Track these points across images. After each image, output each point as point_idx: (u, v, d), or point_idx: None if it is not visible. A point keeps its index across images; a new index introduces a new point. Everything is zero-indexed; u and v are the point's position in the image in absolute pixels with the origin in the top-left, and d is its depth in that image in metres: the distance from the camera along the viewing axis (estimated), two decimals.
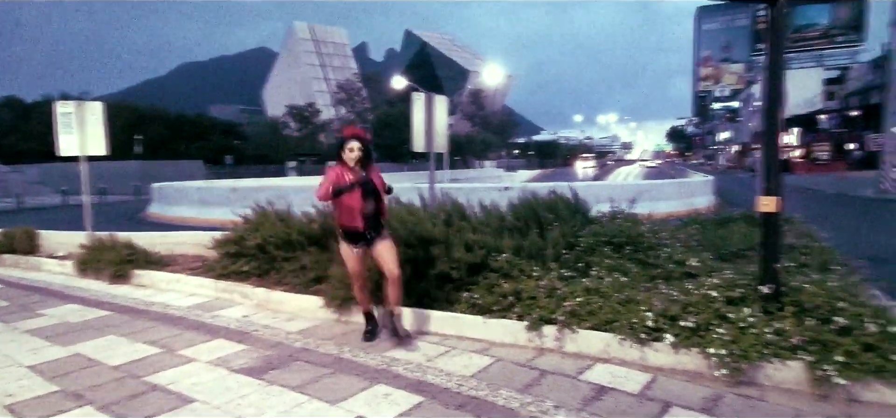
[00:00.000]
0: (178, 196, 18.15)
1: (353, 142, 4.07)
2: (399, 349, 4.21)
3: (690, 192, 16.19)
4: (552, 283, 4.46)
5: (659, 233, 5.55)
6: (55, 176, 33.82)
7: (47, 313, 5.57)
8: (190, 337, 4.76)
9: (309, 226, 6.20)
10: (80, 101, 8.48)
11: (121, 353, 4.35)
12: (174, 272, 6.90)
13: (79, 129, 8.20)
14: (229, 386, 3.66)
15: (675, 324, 3.80)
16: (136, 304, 5.98)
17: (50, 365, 4.07)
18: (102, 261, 7.29)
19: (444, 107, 7.70)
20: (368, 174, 4.11)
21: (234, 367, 3.99)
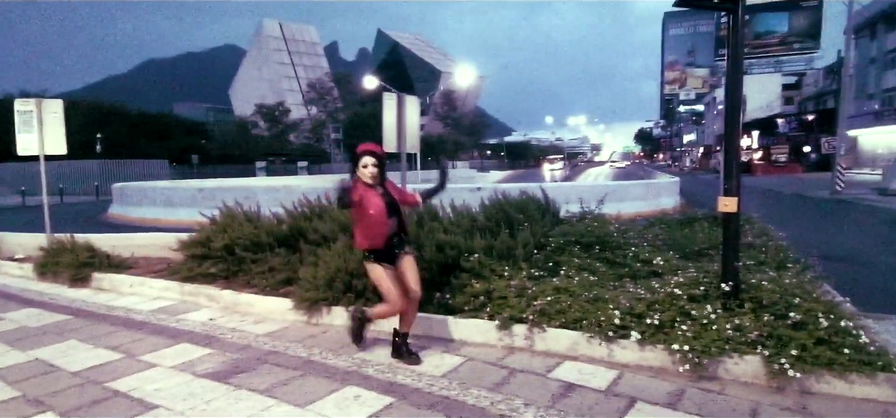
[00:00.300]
0: (140, 196, 17.63)
1: (366, 158, 3.85)
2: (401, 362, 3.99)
3: (657, 193, 16.58)
4: (522, 283, 4.52)
5: (626, 233, 5.68)
6: (11, 176, 32.44)
7: (6, 317, 5.35)
8: (153, 341, 4.64)
9: (278, 227, 6.13)
10: (39, 99, 8.17)
11: (81, 359, 4.21)
12: (137, 275, 6.71)
13: (38, 128, 7.91)
14: (194, 390, 3.59)
15: (640, 322, 3.90)
16: (97, 308, 5.79)
17: (9, 370, 3.92)
18: (61, 264, 7.04)
19: (416, 107, 7.70)
20: (387, 190, 3.92)
21: (200, 372, 3.91)
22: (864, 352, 3.36)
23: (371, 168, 3.84)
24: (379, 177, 3.88)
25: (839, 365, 3.32)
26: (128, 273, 6.87)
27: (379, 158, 3.89)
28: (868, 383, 3.27)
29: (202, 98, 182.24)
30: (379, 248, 3.81)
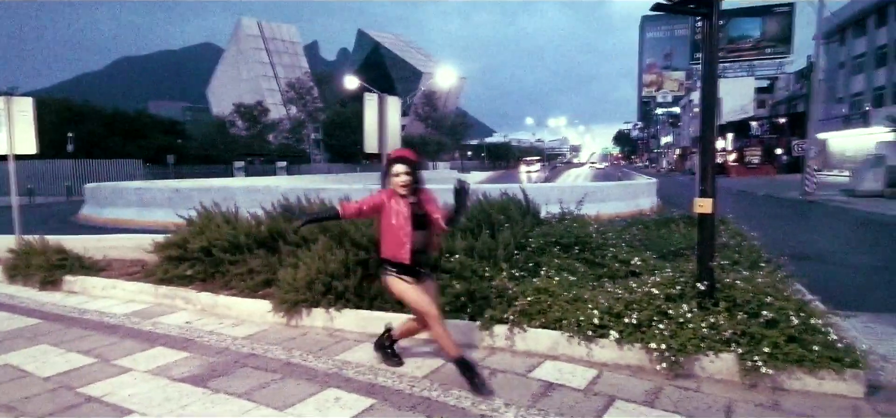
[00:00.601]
0: (114, 197, 17.23)
1: (397, 165, 3.51)
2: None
3: (635, 194, 16.82)
4: (503, 284, 4.54)
5: (605, 234, 5.75)
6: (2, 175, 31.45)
7: None
8: (127, 345, 4.54)
9: (257, 229, 6.05)
10: (8, 97, 7.93)
11: (53, 364, 4.10)
12: (110, 277, 6.56)
13: (6, 127, 7.68)
14: (170, 395, 3.53)
15: (619, 321, 3.95)
16: (69, 312, 5.65)
17: None
18: (32, 267, 6.85)
19: (397, 107, 7.69)
20: (420, 201, 3.56)
21: (176, 376, 3.84)
22: (834, 349, 3.46)
23: (403, 176, 3.50)
24: (412, 186, 3.53)
25: (810, 361, 3.41)
26: (101, 275, 6.72)
27: (411, 165, 3.53)
28: (837, 379, 3.37)
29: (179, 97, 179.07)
30: (403, 262, 3.51)
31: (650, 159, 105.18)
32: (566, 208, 6.68)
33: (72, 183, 31.23)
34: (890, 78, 39.74)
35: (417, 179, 3.56)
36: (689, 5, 3.88)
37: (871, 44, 42.73)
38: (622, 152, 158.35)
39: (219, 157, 48.58)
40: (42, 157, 23.82)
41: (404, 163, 3.53)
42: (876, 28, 41.89)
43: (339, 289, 4.86)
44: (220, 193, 13.59)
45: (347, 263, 4.96)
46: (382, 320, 4.63)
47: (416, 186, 3.56)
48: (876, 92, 41.51)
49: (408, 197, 3.53)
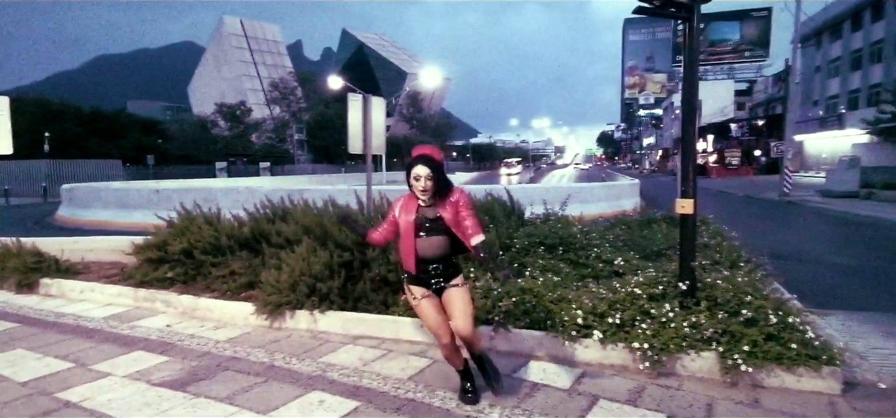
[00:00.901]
0: (92, 198, 16.90)
1: (418, 167, 3.02)
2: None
3: (618, 195, 16.99)
4: (488, 284, 4.55)
5: (589, 234, 5.80)
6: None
7: None
8: (106, 349, 4.46)
9: (239, 230, 5.98)
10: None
11: (30, 368, 4.01)
12: (88, 280, 6.43)
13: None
14: (149, 400, 3.47)
15: (603, 321, 3.99)
16: (46, 316, 5.53)
17: None
18: (7, 269, 6.69)
19: (382, 108, 7.66)
20: (440, 208, 3.07)
21: (155, 380, 3.78)
22: (811, 347, 3.53)
23: (423, 181, 3.01)
24: (434, 191, 3.05)
25: (788, 359, 3.48)
26: (78, 278, 6.58)
27: (434, 167, 3.02)
28: (814, 376, 3.43)
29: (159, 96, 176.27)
30: (411, 271, 3.16)
31: (633, 160, 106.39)
32: (550, 209, 6.73)
33: (48, 184, 30.56)
34: (864, 81, 40.75)
35: (442, 183, 3.06)
36: (670, 8, 3.93)
37: (846, 48, 43.77)
38: (605, 153, 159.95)
39: (200, 158, 47.95)
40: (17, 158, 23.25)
41: (425, 163, 3.01)
42: (851, 32, 42.93)
43: (324, 291, 4.83)
44: (201, 194, 13.43)
45: (332, 265, 4.93)
46: (367, 322, 4.63)
47: (441, 190, 3.06)
48: (851, 95, 42.54)
49: (428, 203, 3.08)
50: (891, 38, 37.73)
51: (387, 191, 10.08)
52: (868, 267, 8.12)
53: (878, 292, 6.53)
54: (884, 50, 38.47)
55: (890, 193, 18.49)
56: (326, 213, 5.81)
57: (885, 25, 38.43)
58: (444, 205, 3.07)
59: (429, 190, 3.04)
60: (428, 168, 3.01)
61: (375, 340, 4.51)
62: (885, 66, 37.78)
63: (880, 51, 39.02)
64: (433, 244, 3.08)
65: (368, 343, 4.45)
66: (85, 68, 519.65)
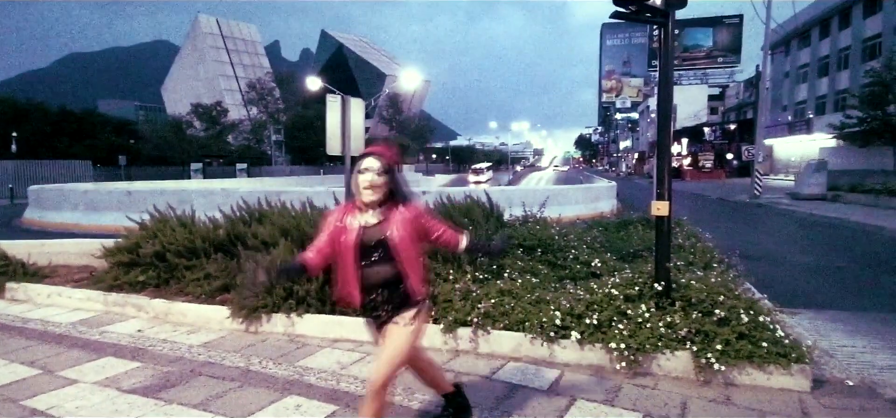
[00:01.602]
0: (60, 199, 16.41)
1: (368, 159, 2.46)
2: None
3: (595, 197, 17.19)
4: (467, 286, 4.55)
5: (567, 236, 5.85)
6: None
7: None
8: (74, 355, 4.33)
9: (214, 232, 5.88)
10: None
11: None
12: (55, 284, 6.24)
13: None
14: (119, 408, 3.37)
15: (580, 322, 4.02)
16: (11, 321, 5.35)
17: None
18: None
19: (360, 109, 7.61)
20: (388, 223, 2.46)
21: (126, 387, 3.68)
22: (781, 345, 3.62)
23: (372, 175, 2.43)
24: (386, 194, 2.48)
25: (759, 357, 3.55)
26: (45, 282, 6.38)
27: (385, 163, 2.47)
28: (785, 373, 3.52)
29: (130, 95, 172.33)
30: (354, 305, 2.53)
31: (610, 163, 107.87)
32: (529, 211, 6.77)
33: (15, 185, 29.60)
34: (831, 87, 42.05)
35: (396, 186, 2.51)
36: (646, 13, 3.99)
37: (814, 55, 45.10)
38: (583, 156, 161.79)
39: (174, 159, 47.03)
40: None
41: (376, 158, 2.47)
42: (819, 40, 44.26)
43: (301, 294, 4.77)
44: (175, 196, 13.17)
45: None
46: (346, 325, 4.59)
47: (395, 194, 2.50)
48: (818, 100, 43.84)
49: (371, 210, 2.48)
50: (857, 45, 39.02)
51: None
52: (833, 266, 8.37)
53: (843, 292, 6.73)
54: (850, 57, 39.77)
55: (855, 196, 19.10)
56: (304, 216, 5.75)
57: (851, 33, 39.74)
58: (395, 220, 2.46)
59: (378, 188, 2.44)
60: (379, 162, 2.46)
61: (354, 343, 4.47)
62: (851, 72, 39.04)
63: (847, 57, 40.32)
64: (377, 271, 2.46)
65: (347, 346, 4.41)
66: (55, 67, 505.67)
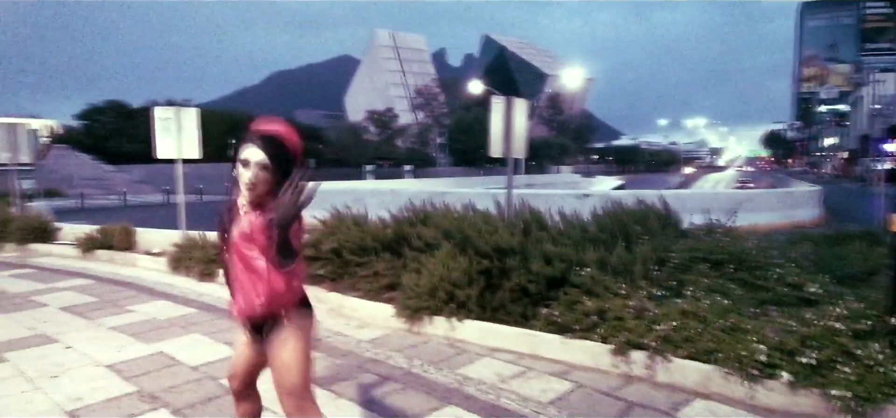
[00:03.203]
0: None
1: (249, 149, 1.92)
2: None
3: (793, 203, 14.71)
4: (642, 303, 4.04)
5: (766, 251, 4.92)
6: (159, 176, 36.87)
7: (136, 309, 5.85)
8: None
9: (383, 232, 6.13)
10: (177, 107, 9.00)
11: (202, 353, 4.42)
12: None
13: (176, 134, 8.71)
14: None
15: (792, 360, 3.28)
16: (220, 303, 6.15)
17: (130, 363, 4.18)
18: (192, 260, 7.64)
19: (524, 110, 7.39)
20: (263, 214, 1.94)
21: None
22: None
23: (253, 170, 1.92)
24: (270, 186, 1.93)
25: None
26: None
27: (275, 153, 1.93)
28: None
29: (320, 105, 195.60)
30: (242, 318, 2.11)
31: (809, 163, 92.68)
32: (714, 219, 5.88)
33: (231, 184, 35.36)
34: None
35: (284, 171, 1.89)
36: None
37: None
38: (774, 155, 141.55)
39: (351, 161, 52.02)
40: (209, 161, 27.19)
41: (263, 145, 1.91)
42: None
43: (462, 298, 4.70)
44: (351, 196, 14.33)
45: (470, 272, 4.78)
46: (505, 335, 4.39)
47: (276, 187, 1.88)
48: None
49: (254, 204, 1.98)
50: None
51: (526, 195, 9.77)
52: None
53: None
54: None
55: None
56: (466, 218, 5.70)
57: None
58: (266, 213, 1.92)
59: (256, 186, 1.93)
60: (263, 153, 1.89)
61: (513, 355, 4.25)
62: None
63: None
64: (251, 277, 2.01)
65: (506, 357, 4.21)
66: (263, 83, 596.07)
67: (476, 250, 4.96)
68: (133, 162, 43.48)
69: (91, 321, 5.41)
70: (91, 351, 4.48)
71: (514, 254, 4.82)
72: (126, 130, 47.44)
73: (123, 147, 46.49)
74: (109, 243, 9.12)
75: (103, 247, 9.10)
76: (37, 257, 9.56)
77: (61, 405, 3.45)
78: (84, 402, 3.49)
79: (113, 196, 32.57)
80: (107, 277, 7.62)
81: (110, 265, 8.59)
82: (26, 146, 11.83)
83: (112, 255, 8.86)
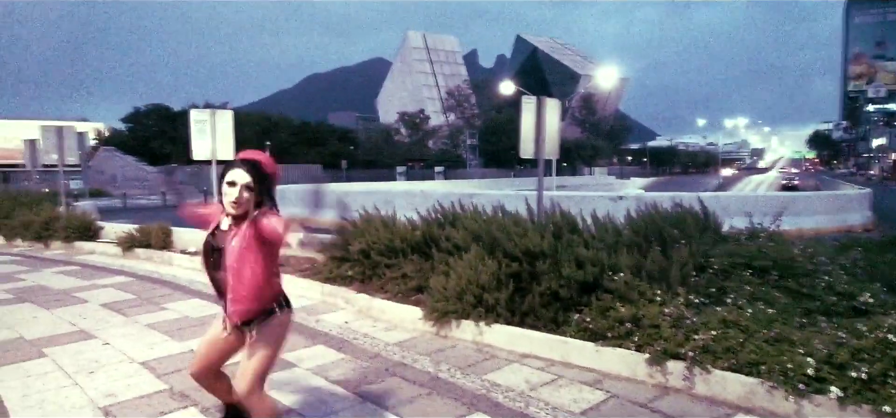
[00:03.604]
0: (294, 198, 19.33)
1: (235, 171, 2.32)
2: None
3: (841, 207, 14.03)
4: (679, 311, 3.87)
5: (814, 257, 4.66)
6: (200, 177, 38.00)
7: (170, 307, 5.97)
8: (294, 340, 4.78)
9: (412, 234, 6.09)
10: (212, 110, 9.21)
11: None
12: (285, 273, 7.14)
13: (211, 136, 8.91)
14: (325, 398, 3.57)
15: (842, 374, 3.07)
16: None
17: (163, 361, 4.25)
18: None
19: (556, 110, 7.25)
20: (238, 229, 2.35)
21: (332, 377, 3.91)
22: None
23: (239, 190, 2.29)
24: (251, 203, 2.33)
25: None
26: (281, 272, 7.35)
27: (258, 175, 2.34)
28: None
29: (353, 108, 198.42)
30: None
31: (857, 165, 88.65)
32: (756, 222, 5.62)
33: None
34: None
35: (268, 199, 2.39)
36: None
37: None
38: (820, 156, 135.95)
39: (383, 163, 52.48)
40: None
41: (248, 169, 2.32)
42: None
43: (490, 302, 4.61)
44: (381, 197, 14.40)
45: (499, 275, 4.69)
46: (535, 341, 4.28)
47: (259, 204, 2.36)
48: None
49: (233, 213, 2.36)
50: None
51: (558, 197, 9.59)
52: None
53: None
54: None
55: None
56: (495, 220, 5.60)
57: None
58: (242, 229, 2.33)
59: (242, 204, 2.30)
60: (249, 176, 2.30)
61: (543, 361, 4.13)
62: None
63: None
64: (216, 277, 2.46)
65: (536, 364, 4.10)
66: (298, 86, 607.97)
67: (505, 253, 4.86)
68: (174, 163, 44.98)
69: (128, 318, 5.54)
70: (127, 347, 4.58)
71: (545, 257, 4.70)
72: (167, 132, 49.11)
73: (165, 148, 48.15)
74: (148, 242, 9.37)
75: (142, 246, 9.36)
76: (81, 254, 9.91)
77: (95, 401, 3.53)
78: (117, 399, 3.56)
79: (154, 196, 33.75)
80: (145, 275, 7.82)
81: (149, 263, 8.83)
82: (73, 148, 12.33)
83: (150, 254, 9.11)
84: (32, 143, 13.18)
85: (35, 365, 4.22)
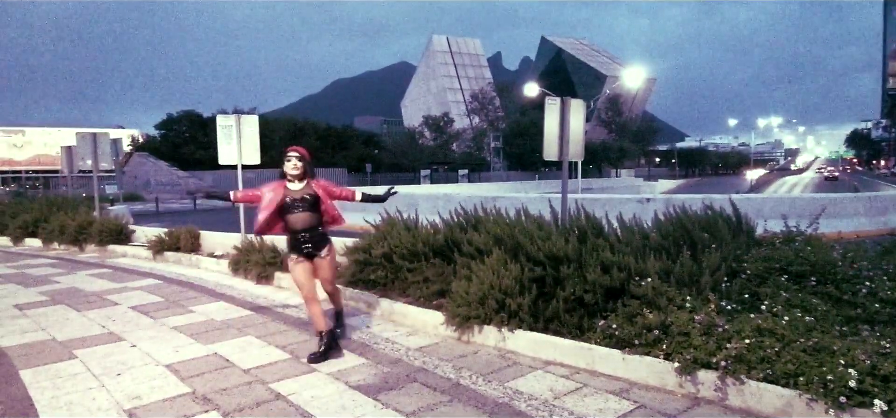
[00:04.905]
0: None
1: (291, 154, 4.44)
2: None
3: (883, 208, 13.45)
4: (710, 318, 3.71)
5: (856, 261, 4.43)
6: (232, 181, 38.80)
7: (196, 310, 6.04)
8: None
9: (434, 237, 6.03)
10: (238, 115, 9.32)
11: (254, 356, 4.48)
12: None
13: (236, 141, 9.02)
14: (345, 403, 3.53)
15: (887, 387, 2.89)
16: (274, 306, 6.27)
17: (187, 364, 4.29)
18: (250, 263, 7.84)
19: (581, 111, 7.10)
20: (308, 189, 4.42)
21: (352, 382, 3.87)
22: None
23: (294, 162, 4.37)
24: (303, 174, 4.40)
25: None
26: None
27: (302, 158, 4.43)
28: None
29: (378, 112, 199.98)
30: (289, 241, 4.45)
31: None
32: (793, 225, 5.39)
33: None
34: None
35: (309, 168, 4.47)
36: None
37: None
38: (859, 156, 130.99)
39: (408, 166, 52.67)
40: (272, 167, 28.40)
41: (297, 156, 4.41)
42: None
43: (513, 308, 4.51)
44: (404, 200, 14.41)
45: (522, 280, 4.60)
46: (560, 347, 4.17)
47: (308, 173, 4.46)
48: None
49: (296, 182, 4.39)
50: None
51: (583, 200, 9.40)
52: None
53: None
54: None
55: None
56: (519, 224, 5.50)
57: None
58: (312, 186, 4.42)
59: (299, 168, 4.37)
60: (299, 160, 4.38)
61: (568, 369, 4.02)
62: None
63: None
64: (301, 218, 4.33)
65: (560, 371, 3.99)
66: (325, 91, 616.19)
67: (528, 257, 4.76)
68: (205, 168, 46.04)
69: (155, 320, 5.63)
70: (153, 350, 4.64)
71: (569, 261, 4.59)
72: (198, 138, 50.31)
73: (196, 153, 49.32)
74: (176, 245, 9.55)
75: (171, 249, 9.54)
76: (113, 257, 10.17)
77: (121, 403, 3.57)
78: (142, 402, 3.59)
79: (185, 200, 34.58)
80: (173, 278, 7.96)
81: (177, 266, 8.99)
82: (107, 154, 12.68)
83: (179, 257, 9.28)
84: (70, 150, 13.62)
85: (65, 366, 4.31)
